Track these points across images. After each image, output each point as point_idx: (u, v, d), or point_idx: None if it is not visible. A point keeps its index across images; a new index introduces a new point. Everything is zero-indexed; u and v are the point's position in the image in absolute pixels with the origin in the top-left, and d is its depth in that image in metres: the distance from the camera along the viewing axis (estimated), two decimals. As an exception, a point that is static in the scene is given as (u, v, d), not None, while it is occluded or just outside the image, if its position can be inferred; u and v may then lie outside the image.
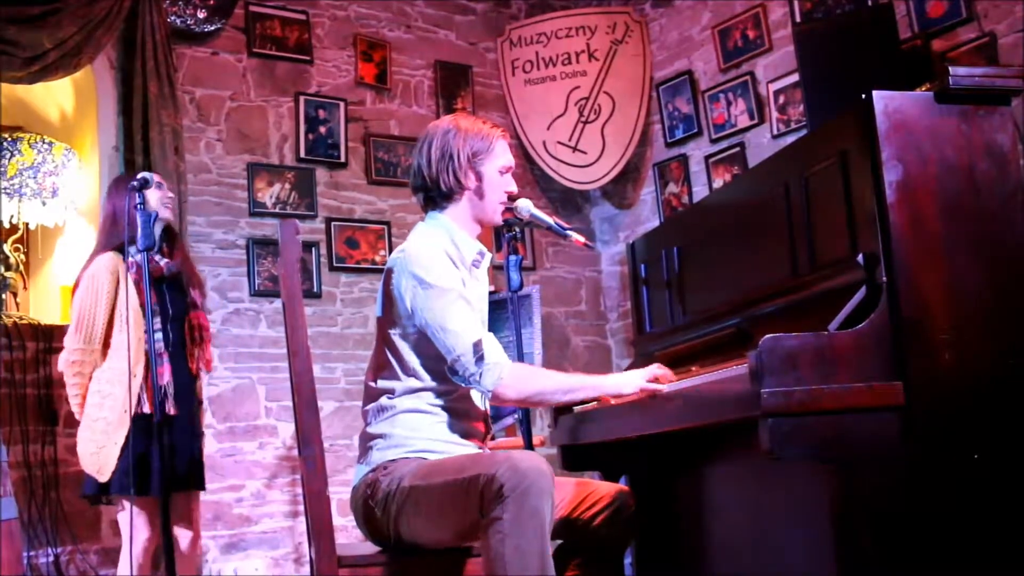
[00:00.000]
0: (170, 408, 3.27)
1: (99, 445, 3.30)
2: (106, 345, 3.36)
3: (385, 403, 2.43)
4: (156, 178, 3.44)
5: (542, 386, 2.43)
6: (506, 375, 2.32)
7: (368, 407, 2.48)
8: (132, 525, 3.27)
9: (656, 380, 2.50)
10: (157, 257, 3.40)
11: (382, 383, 2.46)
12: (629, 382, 2.51)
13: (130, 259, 3.34)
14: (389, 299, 2.44)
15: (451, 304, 2.34)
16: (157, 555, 3.51)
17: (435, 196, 2.52)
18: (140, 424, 3.26)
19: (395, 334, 2.43)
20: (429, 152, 2.50)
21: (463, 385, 2.42)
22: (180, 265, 3.48)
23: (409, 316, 2.39)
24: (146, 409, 3.26)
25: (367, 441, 2.45)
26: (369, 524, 2.40)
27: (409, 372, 2.43)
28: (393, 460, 2.37)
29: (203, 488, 3.51)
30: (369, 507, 2.36)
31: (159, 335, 3.31)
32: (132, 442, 3.25)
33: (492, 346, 2.34)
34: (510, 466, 2.12)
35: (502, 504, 2.09)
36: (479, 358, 2.30)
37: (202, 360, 3.46)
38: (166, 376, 3.29)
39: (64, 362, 3.40)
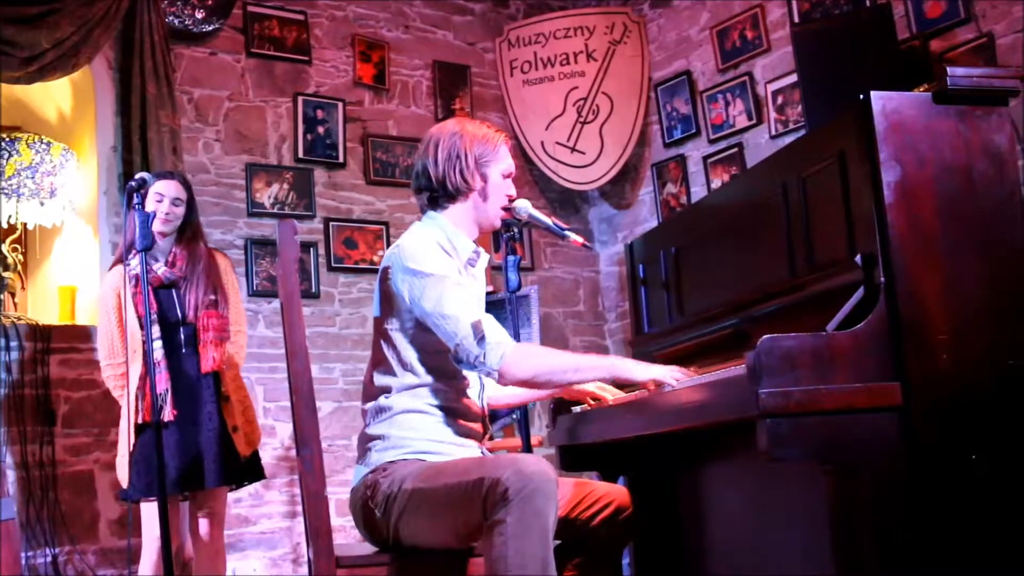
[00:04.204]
0: (167, 415, 3.30)
1: (120, 453, 3.41)
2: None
3: (383, 403, 2.43)
4: (164, 189, 3.46)
5: (550, 364, 2.40)
6: (510, 353, 2.30)
7: (367, 406, 2.48)
8: (155, 526, 3.32)
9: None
10: (156, 266, 3.43)
11: (379, 380, 2.46)
12: (643, 369, 2.47)
13: (130, 271, 3.35)
14: (386, 296, 2.44)
15: (447, 291, 2.33)
16: (178, 556, 3.56)
17: (439, 196, 2.51)
18: (147, 430, 3.30)
19: (392, 329, 2.43)
20: (436, 153, 2.50)
21: (469, 371, 2.41)
22: (184, 269, 3.48)
23: (408, 310, 2.39)
24: (140, 419, 3.31)
25: (366, 442, 2.45)
26: (368, 525, 2.39)
27: (406, 367, 2.42)
28: (392, 461, 2.37)
29: (228, 484, 3.51)
30: (369, 508, 2.36)
31: (159, 342, 3.34)
32: (139, 448, 3.32)
33: (492, 326, 2.33)
34: (515, 469, 2.12)
35: (506, 507, 2.09)
36: (480, 339, 2.29)
37: (208, 361, 3.44)
38: (163, 383, 3.31)
39: (103, 378, 3.58)
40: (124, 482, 3.37)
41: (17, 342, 4.23)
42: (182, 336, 3.45)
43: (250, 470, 3.55)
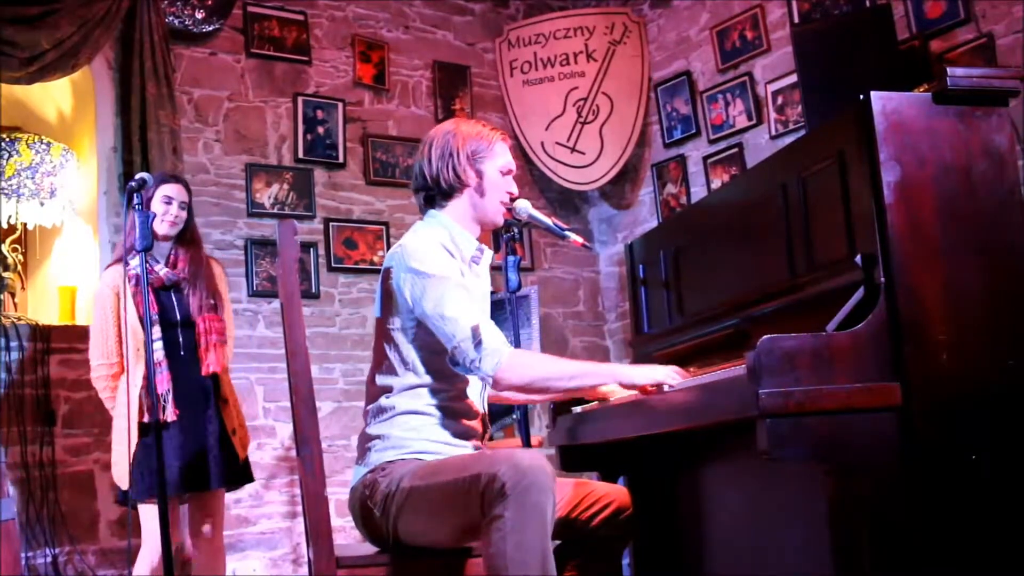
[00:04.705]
0: (169, 415, 3.31)
1: (118, 454, 3.40)
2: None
3: (384, 403, 2.43)
4: (173, 192, 3.46)
5: (545, 371, 2.41)
6: (505, 359, 2.30)
7: (368, 407, 2.49)
8: (160, 527, 3.32)
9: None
10: (157, 267, 3.43)
11: (380, 380, 2.46)
12: (641, 373, 2.47)
13: (130, 271, 3.36)
14: (388, 295, 2.44)
15: (448, 292, 2.34)
16: (177, 557, 3.56)
17: (435, 195, 2.53)
18: (147, 431, 3.31)
19: (393, 329, 2.44)
20: (430, 152, 2.52)
21: (465, 374, 2.42)
22: (186, 271, 3.49)
23: (409, 309, 2.39)
24: (145, 418, 3.32)
25: (365, 442, 2.45)
26: (367, 525, 2.40)
27: (408, 367, 2.42)
28: (391, 461, 2.37)
29: (227, 486, 3.51)
30: (367, 508, 2.36)
31: (160, 343, 3.34)
32: (139, 448, 3.32)
33: (491, 331, 2.33)
34: (511, 464, 2.12)
35: (504, 502, 2.09)
36: (477, 343, 2.29)
37: (210, 364, 3.44)
38: (164, 384, 3.32)
39: (92, 378, 3.52)
40: (124, 484, 3.36)
41: (17, 342, 4.23)
42: (182, 338, 3.45)
43: (245, 472, 3.57)
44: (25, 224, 4.71)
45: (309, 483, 2.23)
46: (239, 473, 3.52)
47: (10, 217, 4.59)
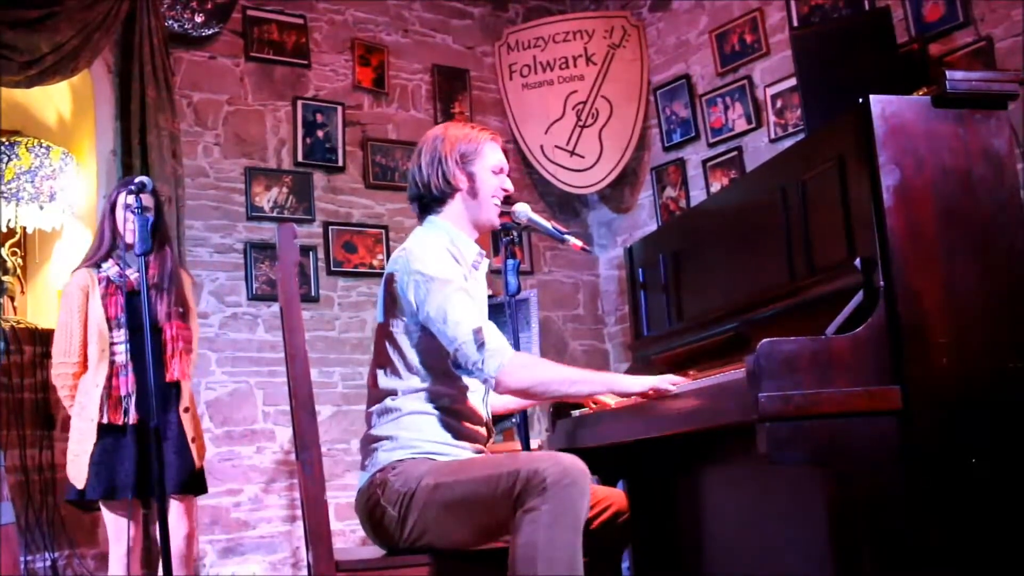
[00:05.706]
0: (130, 419, 3.34)
1: (74, 453, 3.41)
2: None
3: (389, 405, 2.44)
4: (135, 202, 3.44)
5: (546, 376, 2.43)
6: (508, 362, 2.32)
7: (372, 409, 2.49)
8: (130, 528, 3.34)
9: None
10: (129, 271, 3.46)
11: (384, 383, 2.47)
12: (639, 382, 2.49)
13: (101, 273, 3.45)
14: (392, 299, 2.45)
15: (452, 295, 2.35)
16: (149, 556, 3.55)
17: (428, 201, 2.55)
18: (108, 432, 3.35)
19: (397, 331, 2.44)
20: (420, 160, 2.55)
21: (467, 376, 2.43)
22: (156, 277, 3.50)
23: (413, 312, 2.40)
24: (104, 419, 3.35)
25: (371, 444, 2.45)
26: (377, 527, 2.39)
27: (412, 370, 2.43)
28: (401, 460, 2.38)
29: (183, 492, 3.49)
30: (380, 507, 2.35)
31: (126, 346, 3.38)
32: (100, 449, 3.35)
33: (493, 334, 2.35)
34: (555, 461, 2.17)
35: (544, 496, 2.12)
36: (480, 345, 2.31)
37: (174, 370, 3.46)
38: (127, 387, 3.35)
39: (52, 375, 3.55)
40: (79, 482, 3.36)
41: (16, 346, 4.22)
42: (152, 343, 3.45)
43: (200, 481, 3.56)
44: (25, 228, 4.71)
45: (309, 487, 2.22)
46: (194, 482, 3.51)
47: (10, 221, 4.59)
